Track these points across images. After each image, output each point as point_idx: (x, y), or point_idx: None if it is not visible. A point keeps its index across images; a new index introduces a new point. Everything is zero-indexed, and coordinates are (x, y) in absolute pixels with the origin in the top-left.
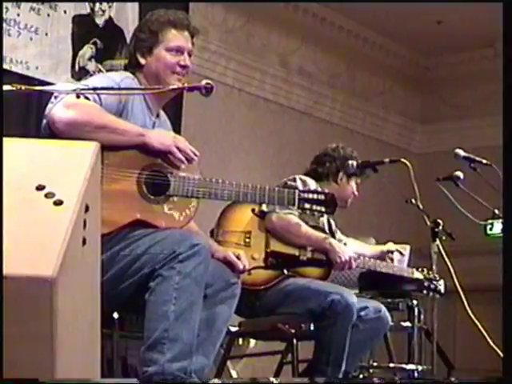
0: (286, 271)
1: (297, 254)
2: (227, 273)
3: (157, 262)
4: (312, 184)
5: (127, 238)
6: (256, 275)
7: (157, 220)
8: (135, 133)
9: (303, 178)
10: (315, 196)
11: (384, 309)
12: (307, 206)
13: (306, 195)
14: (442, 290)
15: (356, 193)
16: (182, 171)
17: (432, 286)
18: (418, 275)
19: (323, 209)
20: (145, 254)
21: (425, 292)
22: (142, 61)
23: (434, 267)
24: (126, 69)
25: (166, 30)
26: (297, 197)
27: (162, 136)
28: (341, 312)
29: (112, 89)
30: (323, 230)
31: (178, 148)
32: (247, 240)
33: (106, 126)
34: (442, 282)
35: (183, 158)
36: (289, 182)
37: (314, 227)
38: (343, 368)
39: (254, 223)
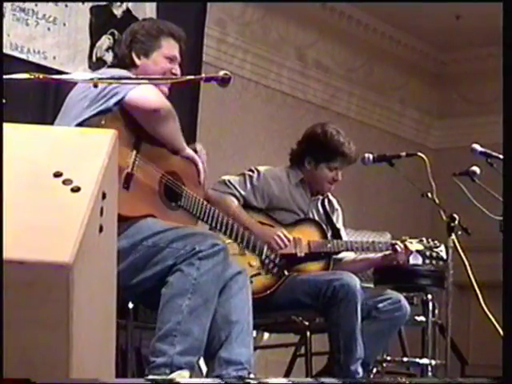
0: (286, 272)
1: (293, 252)
2: (232, 263)
3: (178, 256)
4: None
5: (148, 228)
6: (258, 281)
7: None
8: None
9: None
10: None
11: (403, 299)
12: None
13: None
14: (444, 256)
15: (336, 178)
16: (192, 189)
17: (434, 254)
18: (417, 246)
19: None
20: (167, 247)
21: (427, 261)
22: (138, 61)
23: (449, 262)
24: (112, 66)
25: (165, 38)
26: None
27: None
28: (344, 296)
29: (128, 78)
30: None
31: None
32: (241, 249)
33: (175, 117)
34: (442, 247)
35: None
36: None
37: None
38: (358, 355)
39: None
